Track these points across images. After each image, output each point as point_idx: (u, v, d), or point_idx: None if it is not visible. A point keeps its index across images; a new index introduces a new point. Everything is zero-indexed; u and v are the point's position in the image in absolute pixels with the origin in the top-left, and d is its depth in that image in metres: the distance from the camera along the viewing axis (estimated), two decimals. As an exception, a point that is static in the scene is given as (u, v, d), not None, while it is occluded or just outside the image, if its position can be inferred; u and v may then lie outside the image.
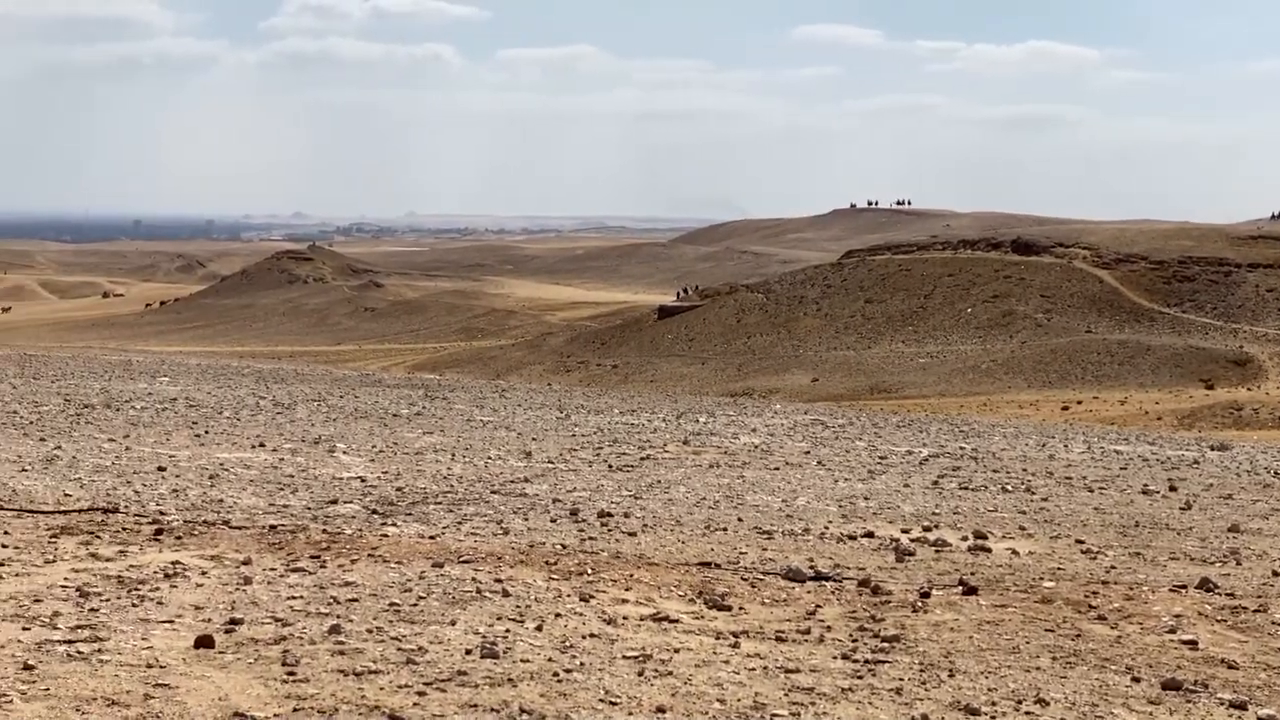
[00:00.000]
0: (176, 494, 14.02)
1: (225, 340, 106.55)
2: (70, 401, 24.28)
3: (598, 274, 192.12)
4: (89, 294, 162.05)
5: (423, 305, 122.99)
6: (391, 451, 18.88)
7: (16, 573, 9.68)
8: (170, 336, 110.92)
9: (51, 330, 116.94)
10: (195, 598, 9.09)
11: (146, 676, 7.24)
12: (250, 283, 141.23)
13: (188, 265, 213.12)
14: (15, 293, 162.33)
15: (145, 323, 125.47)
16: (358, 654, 7.83)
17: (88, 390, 27.02)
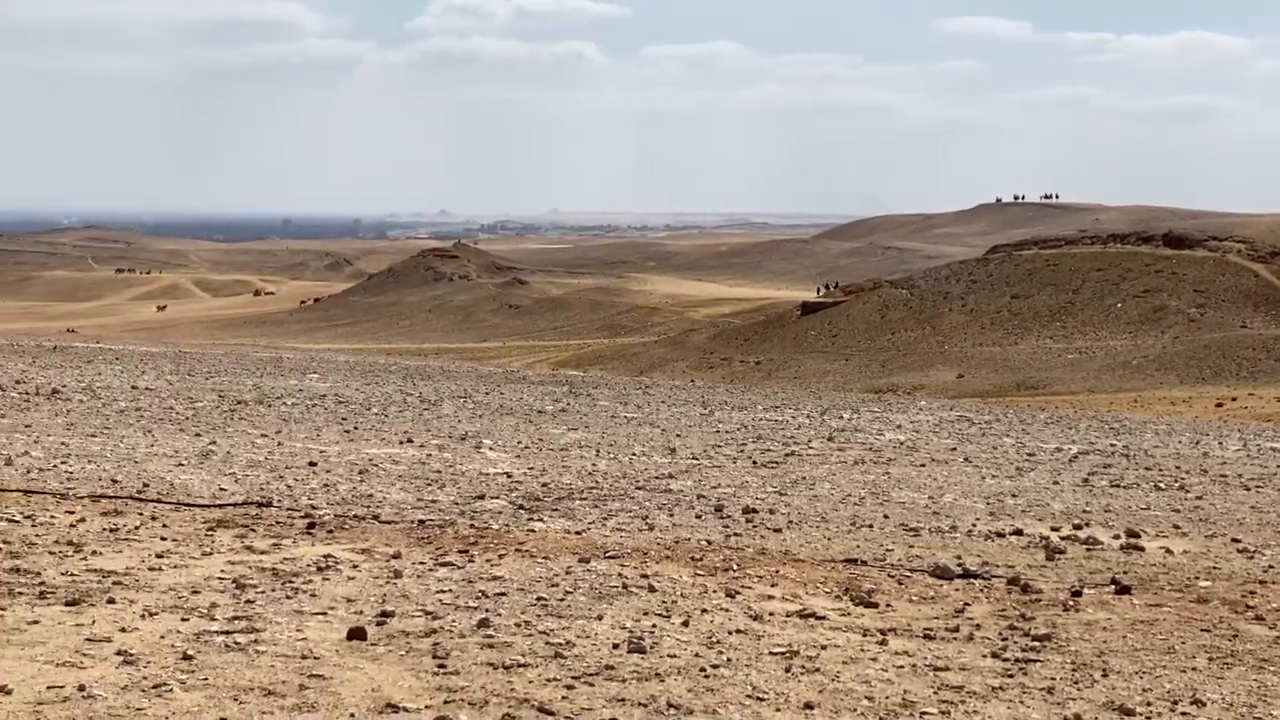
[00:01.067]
0: (327, 489, 14.25)
1: (372, 337, 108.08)
2: (224, 398, 24.78)
3: (740, 270, 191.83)
4: (240, 292, 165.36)
5: (566, 302, 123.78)
6: (537, 448, 19.01)
7: (175, 565, 9.91)
8: (319, 334, 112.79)
9: (204, 328, 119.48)
10: (347, 590, 9.23)
11: (301, 667, 7.37)
12: (396, 280, 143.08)
13: (336, 263, 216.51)
14: (170, 291, 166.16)
15: (294, 320, 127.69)
16: (506, 647, 7.90)
17: (241, 386, 27.56)
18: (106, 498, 12.82)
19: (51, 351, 37.29)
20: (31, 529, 11.02)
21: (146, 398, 24.12)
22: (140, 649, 7.57)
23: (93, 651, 7.53)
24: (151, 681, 6.99)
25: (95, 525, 11.32)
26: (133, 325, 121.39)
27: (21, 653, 7.46)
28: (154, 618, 8.32)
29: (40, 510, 11.88)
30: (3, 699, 6.65)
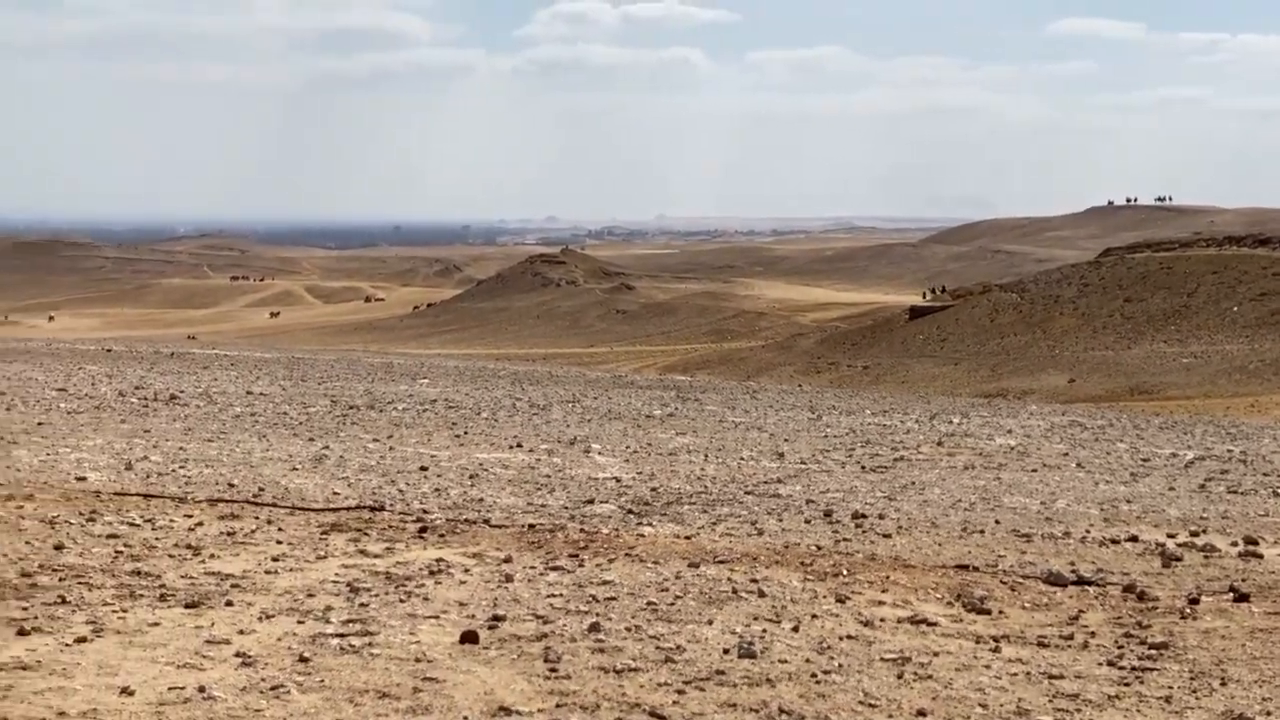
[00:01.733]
0: (439, 493, 14.37)
1: (481, 342, 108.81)
2: (336, 403, 25.08)
3: (848, 275, 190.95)
4: (351, 299, 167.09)
5: (673, 307, 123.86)
6: (645, 452, 19.05)
7: (290, 568, 10.05)
8: (428, 339, 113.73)
9: (316, 334, 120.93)
10: (459, 594, 9.31)
11: (415, 670, 7.45)
12: (505, 286, 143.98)
13: (445, 270, 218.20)
14: (283, 298, 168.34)
15: (405, 326, 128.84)
16: (617, 652, 7.93)
17: (352, 392, 27.88)
18: (224, 502, 13.03)
19: (169, 358, 37.94)
20: (151, 532, 11.23)
21: (261, 403, 24.48)
22: (258, 651, 7.69)
23: (212, 653, 7.66)
24: (269, 683, 7.10)
25: (213, 529, 11.51)
26: (247, 331, 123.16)
27: (143, 654, 7.61)
28: (271, 620, 8.44)
29: (160, 514, 12.10)
30: (126, 699, 6.78)
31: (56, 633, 7.98)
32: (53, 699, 6.75)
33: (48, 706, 6.63)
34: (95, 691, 6.89)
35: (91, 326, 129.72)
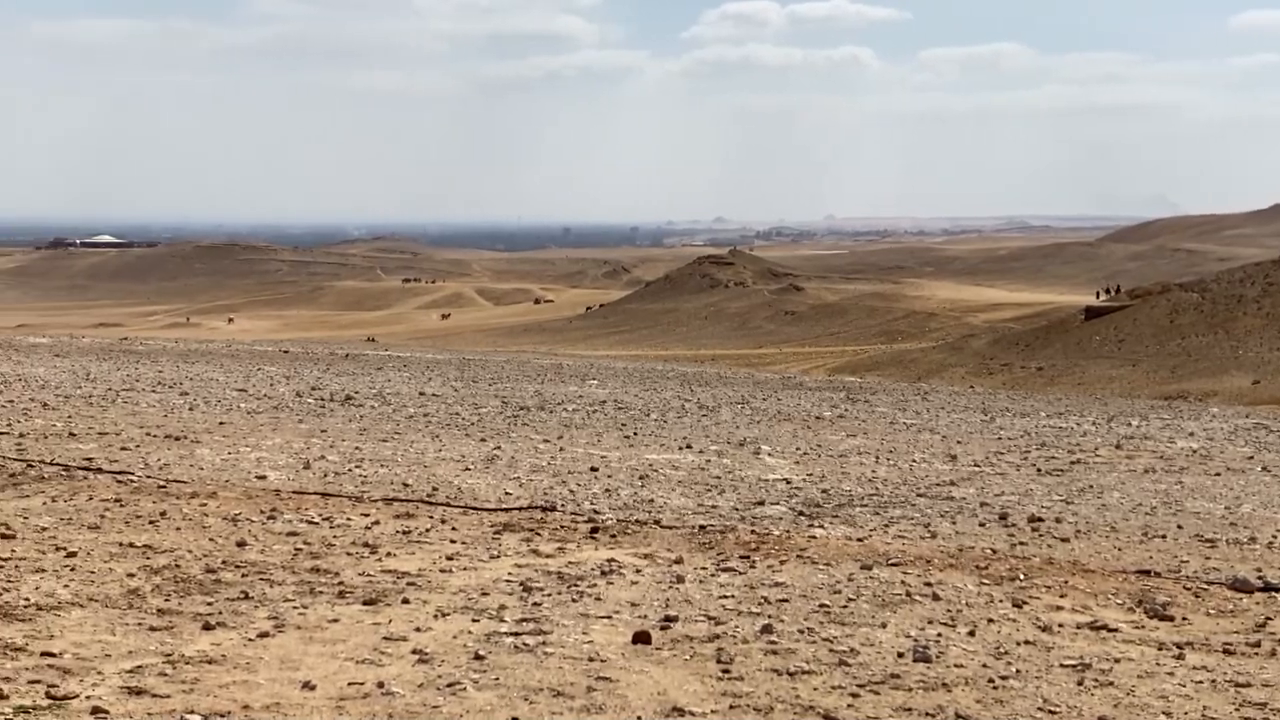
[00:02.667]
0: (609, 493, 14.43)
1: (649, 344, 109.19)
2: (507, 404, 25.33)
3: (1021, 274, 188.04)
4: (521, 300, 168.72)
5: (842, 308, 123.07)
6: (815, 454, 18.94)
7: (464, 566, 10.16)
8: (597, 341, 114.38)
9: (487, 335, 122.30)
10: (631, 594, 9.33)
11: (589, 669, 7.47)
12: (673, 287, 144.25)
13: (613, 271, 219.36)
14: (454, 300, 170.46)
15: (573, 327, 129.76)
16: (790, 654, 7.88)
17: (522, 393, 28.13)
18: (399, 501, 13.22)
19: (344, 359, 38.64)
20: (330, 530, 11.43)
21: (434, 404, 24.81)
22: (434, 648, 7.78)
23: (390, 650, 7.76)
24: (446, 680, 7.18)
25: (389, 527, 11.68)
26: (418, 333, 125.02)
27: (323, 650, 7.74)
28: (446, 618, 8.54)
29: (337, 512, 12.32)
30: (307, 694, 6.91)
31: (240, 628, 8.15)
32: (237, 692, 6.90)
33: (232, 699, 6.77)
34: (278, 685, 7.03)
35: (269, 328, 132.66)
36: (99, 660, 7.37)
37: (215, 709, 6.62)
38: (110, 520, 11.50)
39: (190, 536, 10.93)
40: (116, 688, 6.89)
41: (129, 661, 7.36)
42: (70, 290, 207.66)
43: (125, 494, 12.86)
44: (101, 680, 7.01)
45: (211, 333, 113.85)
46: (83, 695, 6.74)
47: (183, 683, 7.02)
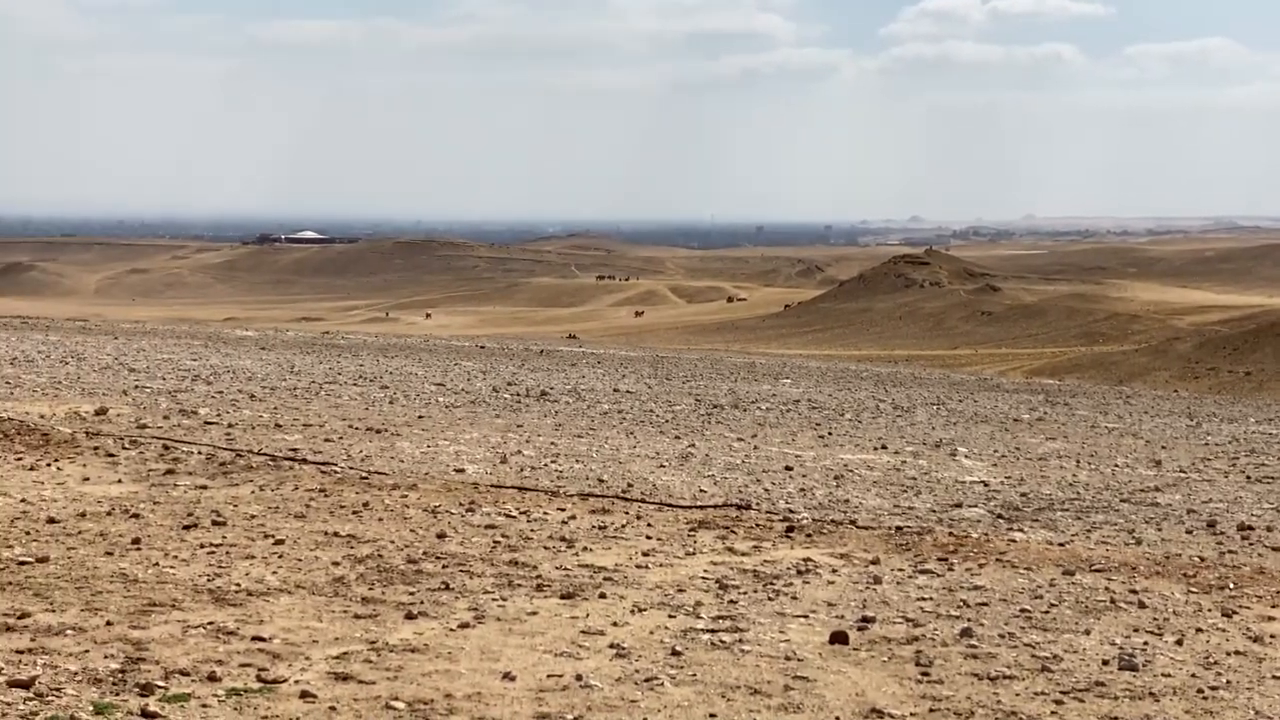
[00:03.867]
0: (804, 493, 14.37)
1: (842, 343, 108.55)
2: (700, 401, 25.36)
3: (1229, 276, 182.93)
4: (714, 298, 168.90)
5: (1041, 309, 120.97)
6: (1013, 456, 18.64)
7: (661, 563, 10.20)
8: (789, 340, 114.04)
9: (680, 333, 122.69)
10: (827, 594, 9.28)
11: (785, 668, 7.45)
12: (867, 287, 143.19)
13: (807, 270, 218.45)
14: (647, 298, 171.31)
15: (766, 326, 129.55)
16: (990, 658, 7.76)
17: (716, 391, 28.15)
18: (594, 496, 13.32)
19: (539, 355, 39.08)
20: (527, 524, 11.57)
21: (627, 400, 24.95)
22: (631, 643, 7.83)
23: (588, 643, 7.82)
24: (643, 675, 7.21)
25: (585, 522, 11.78)
26: (612, 330, 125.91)
27: (523, 642, 7.83)
28: (643, 613, 8.58)
29: (534, 507, 12.46)
30: (508, 684, 6.99)
31: (441, 618, 8.29)
32: (439, 681, 7.01)
33: (435, 688, 6.89)
34: (479, 676, 7.13)
35: (465, 323, 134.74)
36: (306, 646, 7.55)
37: (419, 697, 6.74)
38: (315, 510, 11.78)
39: (392, 527, 11.15)
40: (324, 673, 7.06)
41: (335, 648, 7.53)
42: (275, 285, 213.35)
43: (329, 484, 13.16)
44: (309, 665, 7.18)
45: (410, 328, 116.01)
46: (291, 680, 6.91)
47: (387, 670, 7.16)
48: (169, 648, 7.37)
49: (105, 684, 6.72)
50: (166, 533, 10.50)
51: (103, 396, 20.45)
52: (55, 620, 7.82)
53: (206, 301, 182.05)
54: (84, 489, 12.35)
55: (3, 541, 9.91)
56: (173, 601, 8.37)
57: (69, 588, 8.61)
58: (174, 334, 40.87)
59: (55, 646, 7.30)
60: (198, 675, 6.91)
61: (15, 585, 8.61)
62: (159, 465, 13.85)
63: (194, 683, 6.80)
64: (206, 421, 17.94)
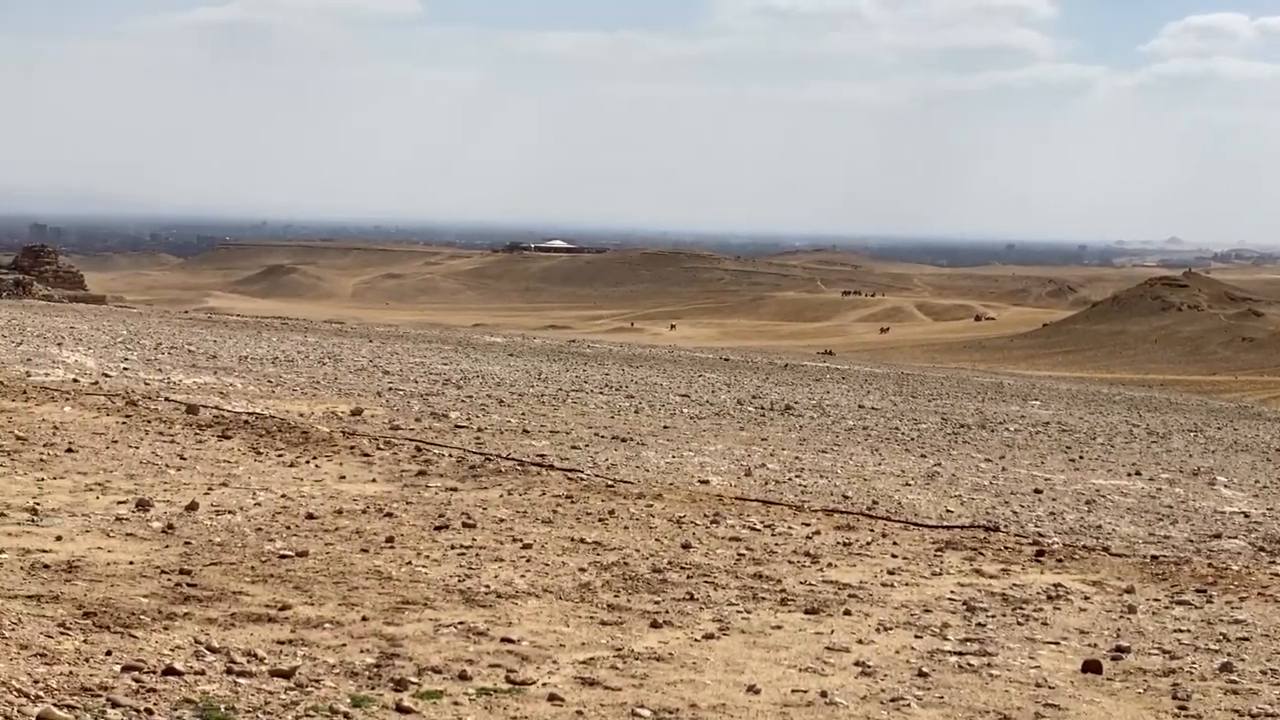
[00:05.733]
0: (1054, 517, 14.06)
1: (1093, 366, 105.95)
2: (947, 420, 25.03)
3: None
4: (961, 316, 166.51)
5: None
6: (1276, 488, 17.97)
7: (906, 582, 10.07)
8: (1038, 360, 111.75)
9: (925, 351, 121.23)
10: (1079, 622, 9.05)
11: (1036, 695, 7.28)
12: (1121, 309, 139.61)
13: (1058, 290, 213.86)
14: (893, 314, 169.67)
15: (1014, 346, 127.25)
16: (1253, 695, 7.48)
17: (963, 410, 27.75)
18: (839, 512, 13.23)
19: (783, 369, 39.03)
20: (771, 538, 11.54)
21: (872, 417, 24.76)
22: (877, 661, 7.74)
23: (832, 660, 7.76)
24: (889, 695, 7.12)
25: (829, 538, 11.70)
26: (855, 346, 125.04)
27: (767, 655, 7.80)
28: (888, 632, 8.48)
29: (779, 520, 12.42)
30: (752, 698, 6.97)
31: (686, 628, 8.31)
32: (684, 690, 7.02)
33: (680, 697, 6.90)
34: (723, 687, 7.12)
35: (709, 335, 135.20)
36: (554, 649, 7.64)
37: (664, 705, 6.76)
38: (562, 516, 11.93)
39: (637, 536, 11.22)
40: (571, 677, 7.13)
41: (582, 653, 7.60)
42: (523, 292, 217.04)
43: (576, 491, 13.32)
44: (557, 669, 7.26)
45: (654, 338, 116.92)
46: (539, 682, 7.00)
47: (632, 677, 7.20)
48: (422, 645, 7.52)
49: (361, 678, 6.89)
50: (419, 533, 10.74)
51: (358, 397, 21.05)
52: (314, 613, 8.05)
53: (457, 307, 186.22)
54: (340, 487, 12.72)
55: (264, 535, 10.25)
56: (425, 600, 8.55)
57: (327, 582, 8.86)
58: (425, 338, 41.89)
59: (314, 639, 7.51)
60: (449, 673, 7.04)
61: (276, 578, 8.89)
62: (411, 466, 14.18)
63: (446, 680, 6.93)
64: (457, 425, 18.32)
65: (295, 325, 45.09)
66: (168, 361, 25.66)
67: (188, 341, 31.42)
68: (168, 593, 8.30)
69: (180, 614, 7.83)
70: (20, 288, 70.40)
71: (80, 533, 9.91)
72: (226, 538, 10.06)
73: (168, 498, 11.46)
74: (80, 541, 9.61)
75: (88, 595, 8.07)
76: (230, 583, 8.66)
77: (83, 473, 12.46)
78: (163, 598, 8.17)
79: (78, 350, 26.50)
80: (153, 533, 10.08)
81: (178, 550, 9.54)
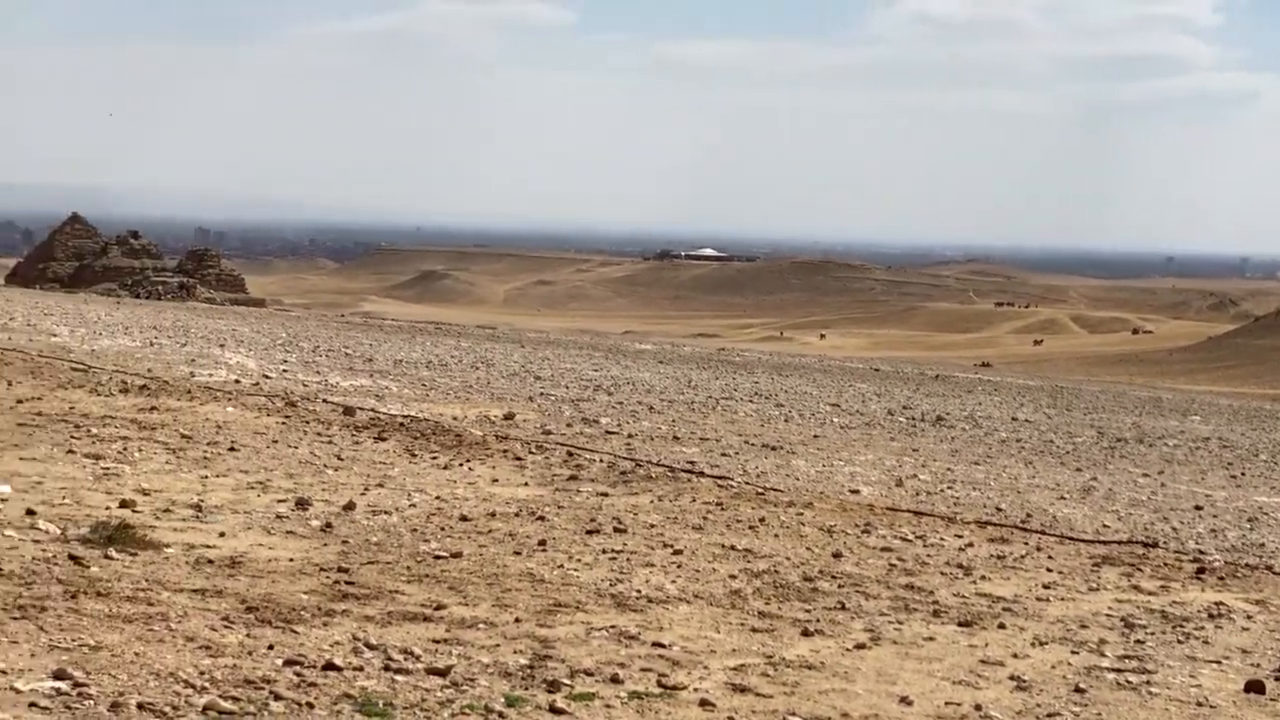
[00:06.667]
0: (1214, 534, 13.78)
1: (1255, 382, 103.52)
2: (1103, 434, 24.62)
3: None
4: (1118, 329, 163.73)
5: None
6: None
7: (1062, 596, 9.94)
8: (1198, 375, 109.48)
9: (1079, 364, 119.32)
10: (1241, 641, 8.87)
11: (1196, 714, 7.15)
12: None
13: (1219, 304, 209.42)
14: (1047, 326, 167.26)
15: (1173, 360, 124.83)
16: None
17: (1119, 424, 27.26)
18: (992, 524, 13.08)
19: (934, 380, 38.66)
20: (923, 549, 11.44)
21: (1026, 430, 24.43)
22: (1032, 676, 7.64)
23: (987, 674, 7.68)
24: (1045, 710, 7.03)
25: (983, 550, 11.58)
26: (1008, 357, 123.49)
27: (919, 666, 7.74)
28: (1044, 647, 8.37)
29: (930, 531, 12.32)
30: (905, 709, 6.93)
31: (837, 637, 8.28)
32: (836, 700, 7.00)
33: (831, 706, 6.88)
34: (875, 698, 7.09)
35: (859, 345, 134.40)
36: (705, 655, 7.65)
37: (815, 714, 6.74)
38: (712, 522, 11.94)
39: (788, 544, 11.20)
40: (722, 683, 7.14)
41: (733, 659, 7.61)
42: (673, 300, 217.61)
43: (726, 498, 13.32)
44: (708, 674, 7.28)
45: (804, 347, 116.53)
46: (691, 687, 7.02)
47: (784, 685, 7.19)
48: (574, 647, 7.58)
49: (515, 678, 6.97)
50: (570, 536, 10.82)
51: (510, 402, 21.26)
52: (468, 613, 8.16)
53: (607, 314, 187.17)
54: (493, 490, 12.86)
55: (420, 536, 10.40)
56: (577, 603, 8.62)
57: (480, 583, 8.97)
58: (576, 344, 42.17)
59: (468, 639, 7.61)
60: (601, 676, 7.09)
61: (431, 578, 9.02)
62: (563, 471, 14.30)
63: (598, 683, 6.98)
64: (607, 431, 18.42)
65: (448, 330, 45.65)
66: (325, 364, 26.14)
67: (344, 345, 31.97)
68: (327, 590, 8.46)
69: (339, 611, 7.98)
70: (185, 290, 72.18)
71: (242, 529, 10.14)
72: (383, 537, 10.22)
73: (326, 497, 11.67)
74: (242, 538, 9.83)
75: (250, 590, 8.25)
76: (387, 581, 8.80)
77: (244, 471, 12.74)
78: (322, 594, 8.33)
79: (239, 352, 27.11)
80: (312, 531, 10.28)
81: (336, 549, 9.72)
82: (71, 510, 10.20)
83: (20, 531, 9.23)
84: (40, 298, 48.87)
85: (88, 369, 20.42)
